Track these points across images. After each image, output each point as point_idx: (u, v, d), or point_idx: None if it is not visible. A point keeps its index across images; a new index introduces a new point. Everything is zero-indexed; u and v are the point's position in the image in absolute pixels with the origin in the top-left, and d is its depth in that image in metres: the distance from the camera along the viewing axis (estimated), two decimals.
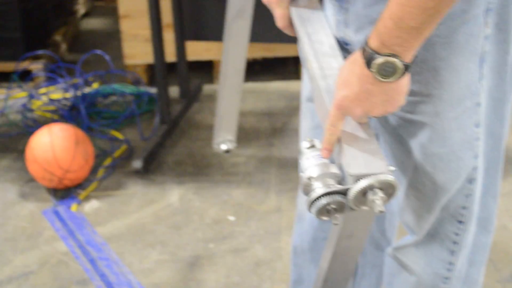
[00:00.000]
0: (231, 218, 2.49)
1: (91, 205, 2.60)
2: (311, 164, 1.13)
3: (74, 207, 2.59)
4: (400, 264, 1.44)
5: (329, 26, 1.35)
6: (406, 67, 1.08)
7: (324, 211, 1.09)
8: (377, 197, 1.06)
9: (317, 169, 1.11)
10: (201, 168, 2.81)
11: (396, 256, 1.44)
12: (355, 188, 1.05)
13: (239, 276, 2.19)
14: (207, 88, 3.47)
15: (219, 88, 1.97)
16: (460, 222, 1.34)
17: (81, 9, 4.29)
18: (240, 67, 1.93)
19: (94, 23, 4.29)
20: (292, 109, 3.23)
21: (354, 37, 1.28)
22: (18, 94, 3.33)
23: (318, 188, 1.09)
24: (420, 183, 1.31)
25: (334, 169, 1.11)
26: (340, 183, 1.11)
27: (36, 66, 3.42)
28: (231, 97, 1.98)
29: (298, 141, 1.34)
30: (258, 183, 2.68)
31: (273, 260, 2.26)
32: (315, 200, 1.08)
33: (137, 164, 2.76)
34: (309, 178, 1.11)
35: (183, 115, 3.21)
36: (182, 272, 2.22)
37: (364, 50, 1.09)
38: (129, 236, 2.41)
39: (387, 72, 1.08)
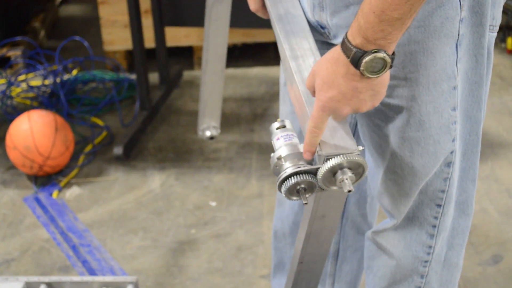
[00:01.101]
0: (213, 203, 2.50)
1: (72, 192, 2.60)
2: (281, 144, 1.13)
3: (55, 194, 2.59)
4: (380, 247, 1.45)
5: (303, 9, 1.34)
6: (392, 59, 1.07)
7: (294, 191, 1.09)
8: (346, 177, 1.06)
9: (287, 149, 1.11)
10: (182, 154, 2.81)
11: (375, 240, 1.45)
12: (324, 167, 1.05)
13: (221, 261, 2.20)
14: (187, 74, 3.48)
15: (202, 75, 1.97)
16: (439, 205, 1.35)
17: None
18: (222, 53, 1.93)
19: (72, 9, 4.28)
20: (272, 95, 3.24)
21: (330, 21, 1.27)
22: None
23: (288, 168, 1.08)
24: (398, 167, 1.31)
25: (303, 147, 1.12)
26: (310, 164, 1.11)
27: (14, 53, 3.41)
28: (214, 83, 1.98)
29: None
30: (239, 169, 2.69)
31: (255, 245, 2.27)
32: (285, 179, 1.08)
33: (118, 150, 2.77)
34: (279, 158, 1.11)
35: (164, 101, 3.21)
36: (164, 258, 2.23)
37: (346, 49, 1.08)
38: (111, 222, 2.41)
39: (376, 68, 1.07)
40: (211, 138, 2.05)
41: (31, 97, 3.21)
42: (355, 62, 1.06)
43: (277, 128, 1.16)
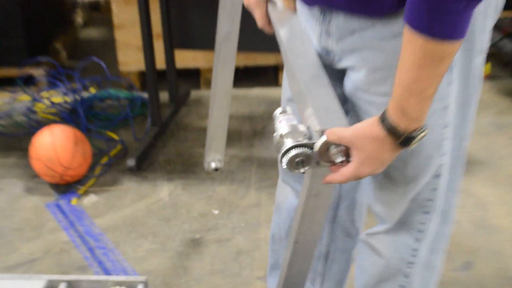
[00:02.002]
0: (215, 211, 2.51)
1: (90, 199, 2.61)
2: (283, 125, 1.14)
3: (74, 200, 2.59)
4: (371, 248, 1.44)
5: (310, 36, 1.33)
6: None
7: (293, 163, 1.09)
8: (340, 149, 1.07)
9: (287, 127, 1.12)
10: (189, 166, 2.81)
11: (368, 242, 1.45)
12: (320, 141, 1.07)
13: (222, 264, 2.22)
14: (194, 93, 3.47)
15: (210, 110, 1.95)
16: (426, 212, 1.34)
17: (79, 19, 4.23)
18: (227, 90, 1.91)
19: (91, 33, 4.24)
20: (271, 114, 3.02)
21: (336, 46, 1.27)
22: (22, 98, 3.30)
23: (288, 142, 1.10)
24: (392, 178, 1.31)
25: (302, 128, 1.12)
26: (310, 135, 1.12)
27: (38, 72, 3.39)
28: (220, 119, 1.97)
29: None
30: (239, 181, 2.70)
31: (252, 250, 2.29)
32: (286, 152, 1.09)
33: (131, 162, 2.77)
34: (281, 136, 1.11)
35: (173, 118, 3.20)
36: (171, 260, 2.25)
37: (394, 133, 1.06)
38: (124, 227, 2.43)
39: (419, 141, 1.08)
40: (216, 169, 2.04)
41: (53, 113, 3.19)
42: (406, 143, 1.06)
43: (280, 113, 1.18)
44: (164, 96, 3.20)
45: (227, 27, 1.75)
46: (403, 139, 1.06)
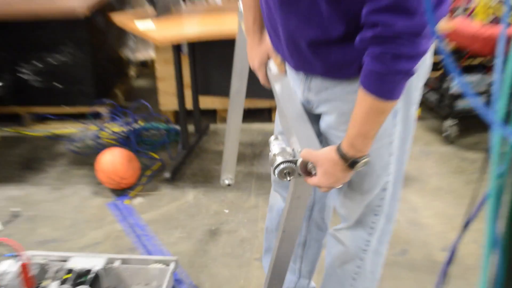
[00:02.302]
0: (226, 211, 2.51)
1: (138, 200, 2.61)
2: (275, 147, 1.14)
3: (127, 201, 2.60)
4: (337, 239, 1.45)
5: (295, 90, 1.31)
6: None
7: (282, 174, 1.08)
8: (312, 165, 1.08)
9: (279, 149, 1.12)
10: (208, 178, 2.81)
11: (334, 234, 1.46)
12: (300, 159, 1.08)
13: (230, 248, 2.23)
14: (212, 126, 3.47)
15: (225, 141, 1.94)
16: (376, 215, 1.35)
17: (133, 72, 4.25)
18: (237, 128, 1.90)
19: (141, 82, 4.25)
20: (266, 141, 3.18)
21: (314, 98, 1.25)
22: (91, 127, 3.32)
23: (279, 159, 1.09)
24: (353, 189, 1.31)
25: (289, 150, 1.13)
26: (294, 154, 1.12)
27: (103, 110, 3.43)
28: (232, 148, 1.97)
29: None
30: (243, 189, 2.69)
31: (252, 238, 2.29)
32: (277, 166, 1.08)
33: (167, 175, 2.77)
34: (274, 154, 1.11)
35: (197, 144, 3.20)
36: (194, 245, 2.25)
37: (344, 158, 1.06)
38: (161, 221, 2.43)
39: (363, 166, 1.09)
40: (229, 185, 2.05)
41: (113, 139, 3.21)
42: (352, 166, 1.08)
43: (273, 139, 1.18)
44: (191, 128, 3.21)
45: (238, 85, 1.76)
46: (350, 163, 1.07)
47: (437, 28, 1.07)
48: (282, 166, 1.08)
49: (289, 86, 1.32)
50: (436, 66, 3.44)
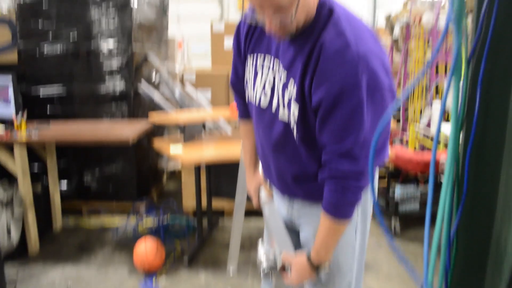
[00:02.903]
0: None
1: (163, 280, 2.57)
2: (261, 252, 1.14)
3: (154, 281, 2.55)
4: None
5: (281, 209, 1.27)
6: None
7: (267, 274, 1.12)
8: (289, 268, 1.10)
9: (264, 257, 1.14)
10: (217, 262, 2.76)
11: None
12: (279, 262, 1.11)
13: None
14: (221, 222, 3.40)
15: (231, 238, 1.94)
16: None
17: (164, 178, 4.18)
18: (240, 228, 1.94)
19: (170, 186, 4.17)
20: (261, 231, 3.10)
21: (297, 219, 1.23)
22: (132, 220, 3.29)
23: (264, 263, 1.13)
24: (323, 284, 1.23)
25: (271, 256, 1.15)
26: (275, 259, 1.14)
27: (141, 207, 3.42)
28: (235, 245, 2.00)
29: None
30: (243, 272, 2.59)
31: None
32: (264, 270, 1.14)
33: (185, 259, 2.74)
34: (261, 261, 1.14)
35: (209, 236, 3.16)
36: None
37: (312, 266, 1.06)
38: None
39: (324, 270, 1.09)
40: (232, 274, 2.02)
41: (147, 230, 3.15)
42: (318, 271, 1.09)
43: (260, 244, 1.19)
44: (205, 223, 3.18)
45: (240, 199, 1.85)
46: (315, 266, 1.09)
47: (375, 169, 1.15)
48: (267, 269, 1.13)
49: (275, 209, 1.30)
50: (383, 178, 3.55)
